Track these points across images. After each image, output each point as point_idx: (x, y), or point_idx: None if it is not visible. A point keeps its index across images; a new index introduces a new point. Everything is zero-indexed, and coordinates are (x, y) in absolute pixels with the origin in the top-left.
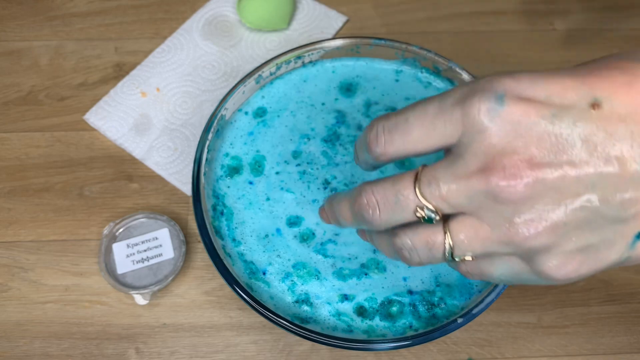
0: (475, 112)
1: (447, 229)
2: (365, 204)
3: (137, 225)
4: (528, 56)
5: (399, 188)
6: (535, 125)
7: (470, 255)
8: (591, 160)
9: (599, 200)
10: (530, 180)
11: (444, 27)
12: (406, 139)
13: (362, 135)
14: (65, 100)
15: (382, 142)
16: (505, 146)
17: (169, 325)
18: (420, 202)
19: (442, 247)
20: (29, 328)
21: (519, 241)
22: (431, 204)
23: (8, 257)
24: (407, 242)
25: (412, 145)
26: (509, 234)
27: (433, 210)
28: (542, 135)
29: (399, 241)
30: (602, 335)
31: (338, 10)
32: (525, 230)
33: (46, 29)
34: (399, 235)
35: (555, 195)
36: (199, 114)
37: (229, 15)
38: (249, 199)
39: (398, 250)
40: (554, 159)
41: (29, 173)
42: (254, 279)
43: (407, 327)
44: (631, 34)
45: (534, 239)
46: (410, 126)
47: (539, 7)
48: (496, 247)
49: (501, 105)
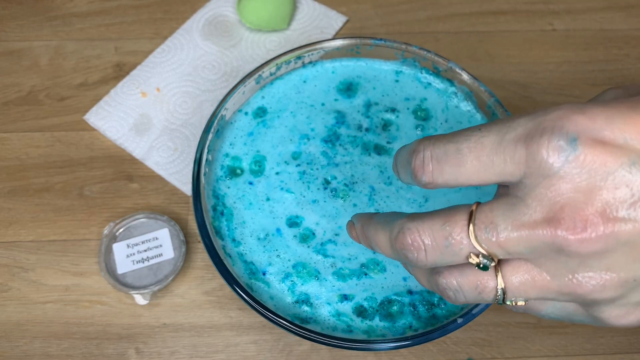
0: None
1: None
2: (409, 244)
3: (137, 225)
4: (528, 56)
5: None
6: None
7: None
8: None
9: None
10: (603, 235)
11: (443, 27)
12: (458, 171)
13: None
14: (65, 100)
15: (429, 172)
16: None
17: (169, 325)
18: (475, 249)
19: (493, 292)
20: (29, 328)
21: (582, 293)
22: (487, 251)
23: (8, 257)
24: (453, 283)
25: (465, 179)
26: (572, 285)
27: (489, 258)
28: (620, 185)
29: (443, 281)
30: (602, 335)
31: (338, 11)
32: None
33: (46, 29)
34: (444, 276)
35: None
36: (199, 114)
37: (229, 16)
38: (249, 199)
39: (441, 290)
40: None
41: (29, 173)
42: (253, 279)
43: (406, 327)
44: (631, 34)
45: (599, 293)
46: (463, 158)
47: (539, 7)
48: (554, 295)
49: (574, 149)
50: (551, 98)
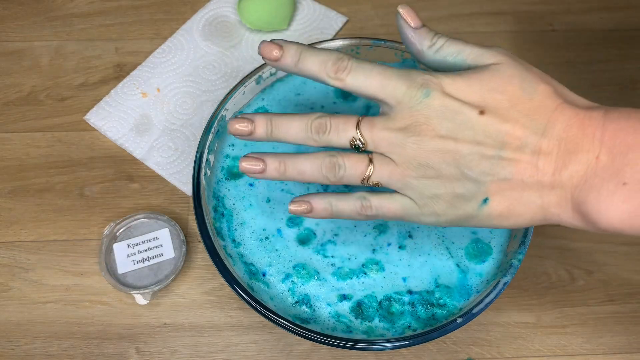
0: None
1: (371, 161)
2: (323, 124)
3: (138, 225)
4: (527, 56)
5: (346, 122)
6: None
7: (378, 182)
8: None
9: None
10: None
11: (443, 27)
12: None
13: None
14: (65, 100)
15: (345, 73)
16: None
17: (169, 324)
18: (357, 135)
19: (365, 171)
20: (29, 328)
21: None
22: (363, 138)
23: (9, 257)
24: (340, 161)
25: (365, 88)
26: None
27: (363, 142)
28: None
29: (334, 159)
30: (602, 335)
31: (338, 11)
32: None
33: (47, 30)
34: (336, 156)
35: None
36: (199, 114)
37: (229, 16)
38: (249, 200)
39: (331, 165)
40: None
41: (30, 173)
42: (254, 279)
43: (406, 327)
44: (631, 34)
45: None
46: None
47: (539, 7)
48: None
49: (427, 96)
50: None
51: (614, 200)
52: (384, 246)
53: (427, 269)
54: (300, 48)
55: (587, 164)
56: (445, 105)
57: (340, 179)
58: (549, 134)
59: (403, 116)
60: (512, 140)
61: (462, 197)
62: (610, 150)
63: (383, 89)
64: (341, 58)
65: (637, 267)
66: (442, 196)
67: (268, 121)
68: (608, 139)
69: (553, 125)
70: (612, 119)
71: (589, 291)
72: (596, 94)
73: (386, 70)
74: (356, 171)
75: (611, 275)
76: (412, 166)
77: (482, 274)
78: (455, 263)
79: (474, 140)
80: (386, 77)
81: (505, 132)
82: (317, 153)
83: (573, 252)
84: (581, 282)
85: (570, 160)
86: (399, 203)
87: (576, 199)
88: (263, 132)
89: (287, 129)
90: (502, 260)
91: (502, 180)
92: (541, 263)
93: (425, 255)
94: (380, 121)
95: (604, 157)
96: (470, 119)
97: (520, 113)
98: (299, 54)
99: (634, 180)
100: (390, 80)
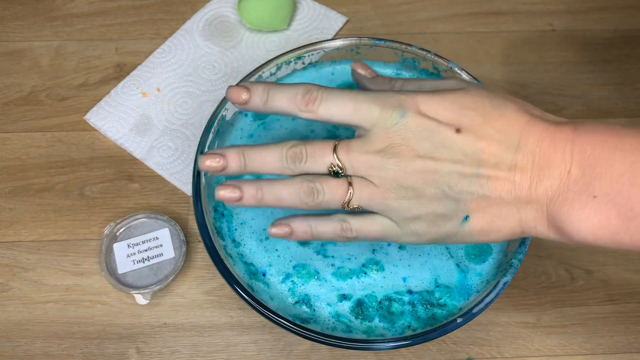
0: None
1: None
2: (299, 153)
3: (138, 225)
4: (527, 56)
5: (323, 149)
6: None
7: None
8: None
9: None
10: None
11: (443, 27)
12: (338, 110)
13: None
14: (66, 100)
15: (317, 105)
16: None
17: (169, 324)
18: (335, 161)
19: (344, 195)
20: (29, 328)
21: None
22: (341, 163)
23: (9, 257)
24: (319, 186)
25: (338, 116)
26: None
27: (341, 167)
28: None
29: (312, 185)
30: (601, 335)
31: (338, 11)
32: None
33: (47, 30)
34: (314, 181)
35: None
36: (199, 114)
37: (229, 16)
38: None
39: (309, 191)
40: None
41: (30, 173)
42: (254, 279)
43: (406, 327)
44: (631, 34)
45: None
46: (344, 102)
47: (538, 7)
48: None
49: (403, 117)
50: (550, 98)
51: (585, 212)
52: (384, 246)
53: (427, 269)
54: (268, 87)
55: (559, 179)
56: (421, 125)
57: (319, 204)
58: (523, 148)
59: (380, 138)
60: (488, 157)
61: (443, 217)
62: (581, 164)
63: (356, 113)
64: (309, 90)
65: (637, 267)
66: (423, 217)
67: (240, 155)
68: (577, 152)
69: (526, 140)
70: (580, 132)
71: (589, 291)
72: (596, 94)
73: (357, 94)
74: (335, 196)
75: (611, 275)
76: (393, 188)
77: (482, 274)
78: (455, 263)
79: (452, 159)
80: (358, 101)
81: (481, 149)
82: (294, 179)
83: (573, 252)
84: (581, 282)
85: (544, 175)
86: (379, 225)
87: (550, 212)
88: (236, 167)
89: (261, 162)
90: (502, 260)
91: (481, 197)
92: (541, 263)
93: (425, 255)
94: (357, 144)
95: (575, 171)
96: (446, 137)
97: (493, 129)
98: (266, 93)
99: (602, 193)
100: (363, 104)
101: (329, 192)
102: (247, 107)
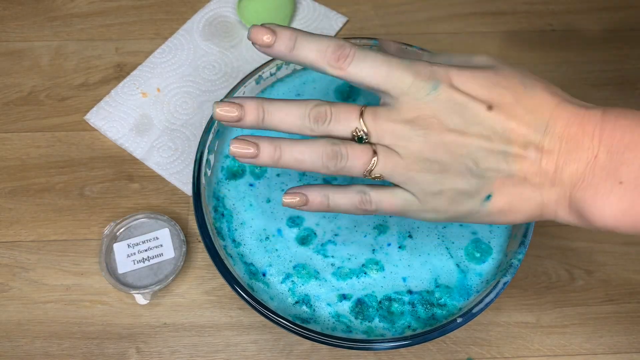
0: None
1: (375, 153)
2: (323, 113)
3: (138, 225)
4: (527, 57)
5: (349, 112)
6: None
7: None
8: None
9: (473, 161)
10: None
11: (443, 28)
12: (370, 71)
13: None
14: (66, 100)
15: (348, 62)
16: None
17: (169, 324)
18: (360, 126)
19: (367, 163)
20: (29, 328)
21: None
22: (367, 129)
23: (9, 257)
24: (343, 150)
25: (368, 79)
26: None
27: (366, 133)
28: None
29: (336, 148)
30: (601, 334)
31: (338, 11)
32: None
33: (47, 30)
34: (339, 145)
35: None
36: (199, 114)
37: (229, 16)
38: (249, 200)
39: (332, 154)
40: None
41: (30, 173)
42: (254, 279)
43: (406, 327)
44: (631, 34)
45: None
46: (377, 64)
47: (538, 7)
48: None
49: (435, 90)
50: None
51: (610, 198)
52: (384, 246)
53: (427, 269)
54: (296, 33)
55: (586, 163)
56: (453, 99)
57: (340, 169)
58: (551, 131)
59: (409, 108)
60: (517, 137)
61: (465, 194)
62: (608, 149)
63: (388, 79)
64: (342, 45)
65: (637, 267)
66: (445, 192)
67: (259, 107)
68: (606, 137)
69: (555, 123)
70: (609, 118)
71: (589, 291)
72: (596, 94)
73: (391, 59)
74: (359, 162)
75: (611, 275)
76: (418, 160)
77: (482, 274)
78: (455, 263)
79: (482, 136)
80: (392, 67)
81: (511, 129)
82: (318, 140)
83: (573, 252)
84: (581, 282)
85: (570, 159)
86: (400, 198)
87: (574, 196)
88: (254, 119)
89: (281, 118)
90: (502, 260)
91: (506, 176)
92: (541, 263)
93: (425, 255)
94: (385, 112)
95: (602, 156)
96: (478, 114)
97: (524, 109)
98: (294, 39)
99: (629, 179)
100: (396, 71)
101: (353, 157)
102: (270, 51)
